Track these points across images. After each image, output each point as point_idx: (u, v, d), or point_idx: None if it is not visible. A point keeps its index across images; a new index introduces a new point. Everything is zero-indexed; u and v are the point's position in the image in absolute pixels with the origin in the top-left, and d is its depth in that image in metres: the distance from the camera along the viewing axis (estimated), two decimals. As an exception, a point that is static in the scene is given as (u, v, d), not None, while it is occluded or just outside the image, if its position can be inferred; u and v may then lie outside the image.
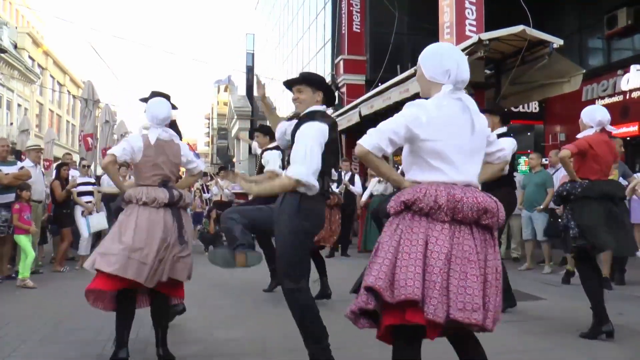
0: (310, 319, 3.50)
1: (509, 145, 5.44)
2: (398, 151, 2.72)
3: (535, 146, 15.55)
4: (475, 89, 10.44)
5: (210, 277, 7.27)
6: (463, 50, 9.68)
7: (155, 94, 5.27)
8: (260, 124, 7.65)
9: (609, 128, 4.93)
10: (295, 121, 3.89)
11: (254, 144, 7.09)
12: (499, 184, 5.66)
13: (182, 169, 5.02)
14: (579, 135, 4.91)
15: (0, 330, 4.96)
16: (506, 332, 4.86)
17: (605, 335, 4.50)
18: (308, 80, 3.89)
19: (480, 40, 9.35)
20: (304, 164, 3.45)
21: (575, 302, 5.91)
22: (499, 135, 5.77)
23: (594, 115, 4.90)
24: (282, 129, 4.17)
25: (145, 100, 5.24)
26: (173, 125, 5.22)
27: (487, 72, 11.13)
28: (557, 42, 9.60)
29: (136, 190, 3.96)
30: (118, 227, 3.90)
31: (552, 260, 8.56)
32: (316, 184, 3.46)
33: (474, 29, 11.68)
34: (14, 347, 4.38)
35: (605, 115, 4.87)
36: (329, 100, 3.92)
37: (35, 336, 4.75)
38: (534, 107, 15.74)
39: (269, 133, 6.55)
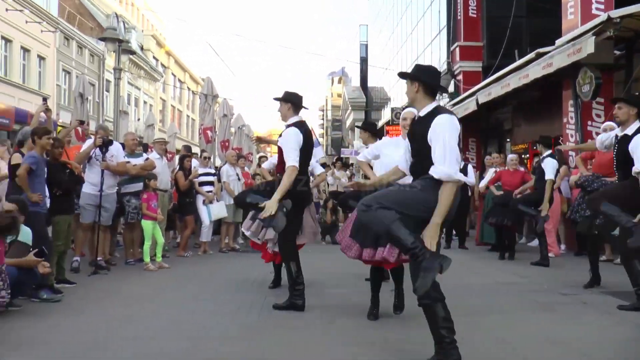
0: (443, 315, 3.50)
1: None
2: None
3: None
4: (603, 71, 9.74)
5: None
6: (590, 30, 9.01)
7: (288, 94, 5.46)
8: (366, 121, 7.60)
9: None
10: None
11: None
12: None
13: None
14: None
15: (133, 309, 5.31)
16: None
17: None
18: (404, 75, 3.83)
19: (609, 19, 8.62)
20: (446, 161, 3.46)
21: None
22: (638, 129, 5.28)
23: None
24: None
25: (279, 99, 5.44)
26: (303, 124, 5.39)
27: (617, 52, 10.28)
28: (702, 16, 8.65)
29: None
30: None
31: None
32: (462, 177, 3.55)
33: (602, 6, 10.77)
34: (145, 326, 4.67)
35: None
36: (432, 90, 3.76)
37: (163, 316, 5.03)
38: (671, 90, 14.39)
39: (370, 130, 6.65)
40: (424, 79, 3.72)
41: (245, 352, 3.97)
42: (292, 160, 5.18)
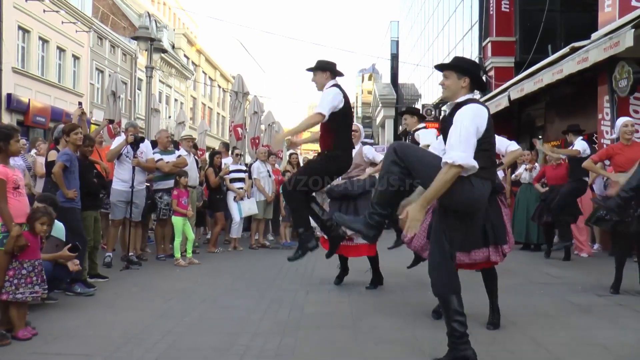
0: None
1: None
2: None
3: None
4: (641, 66, 9.48)
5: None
6: (628, 22, 8.77)
7: (325, 62, 5.38)
8: (406, 106, 7.11)
9: None
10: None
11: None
12: None
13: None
14: None
15: (165, 304, 5.38)
16: None
17: None
18: (452, 67, 3.65)
19: (650, 11, 8.38)
20: (459, 147, 3.30)
21: None
22: None
23: None
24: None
25: (311, 69, 5.37)
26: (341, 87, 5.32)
27: (658, 46, 9.97)
28: None
29: None
30: None
31: None
32: (475, 164, 3.29)
33: (642, -3, 10.48)
34: (178, 320, 4.72)
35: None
36: (478, 86, 3.65)
37: (194, 312, 5.08)
38: None
39: (417, 114, 6.52)
40: (475, 74, 3.58)
41: (276, 349, 3.98)
42: (321, 108, 4.99)
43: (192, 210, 8.53)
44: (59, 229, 5.38)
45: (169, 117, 33.73)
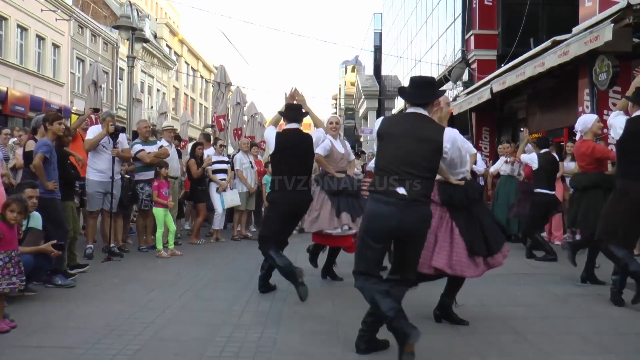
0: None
1: None
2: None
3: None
4: (620, 59, 9.59)
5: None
6: (608, 17, 8.86)
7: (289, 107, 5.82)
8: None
9: None
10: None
11: None
12: None
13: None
14: None
15: (147, 295, 5.35)
16: None
17: None
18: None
19: (629, 5, 8.44)
20: None
21: None
22: None
23: None
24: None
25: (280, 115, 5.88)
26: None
27: (636, 40, 10.10)
28: None
29: None
30: None
31: None
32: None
33: (622, -8, 10.59)
34: (160, 312, 4.70)
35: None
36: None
37: (177, 302, 5.06)
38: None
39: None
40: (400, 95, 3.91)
41: (258, 340, 3.99)
42: None
43: (173, 201, 8.47)
44: (35, 218, 5.31)
45: (151, 107, 33.44)
